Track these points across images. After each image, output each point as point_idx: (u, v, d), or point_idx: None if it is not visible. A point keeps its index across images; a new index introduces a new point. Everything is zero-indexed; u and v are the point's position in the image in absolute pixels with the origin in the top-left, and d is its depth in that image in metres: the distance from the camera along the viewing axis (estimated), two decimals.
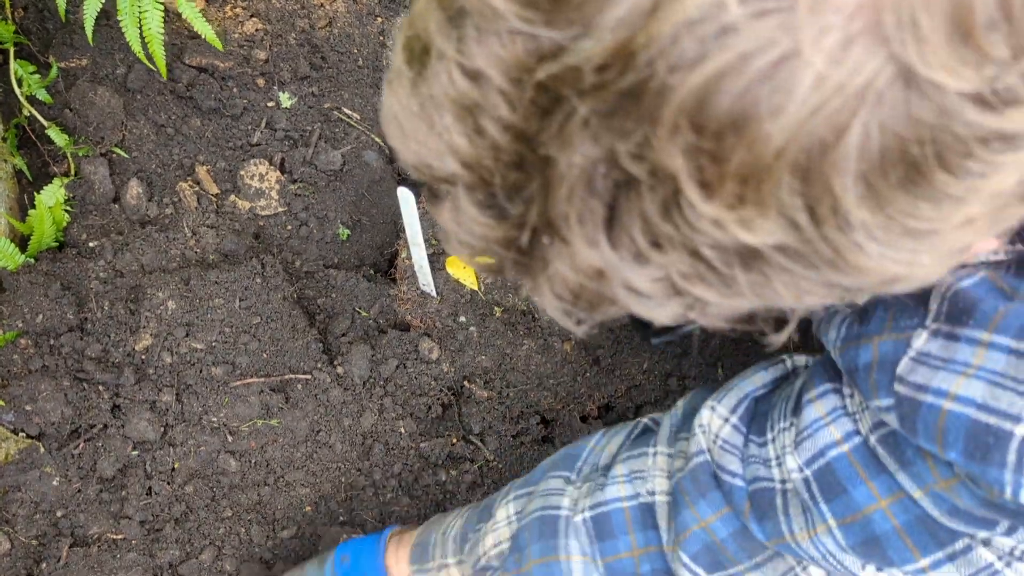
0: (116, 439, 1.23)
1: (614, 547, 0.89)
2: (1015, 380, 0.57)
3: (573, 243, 0.44)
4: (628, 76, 0.38)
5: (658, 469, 0.90)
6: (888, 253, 0.42)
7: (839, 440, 0.73)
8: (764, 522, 0.79)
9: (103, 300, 1.27)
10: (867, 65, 0.36)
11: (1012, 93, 0.37)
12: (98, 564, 1.20)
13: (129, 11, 1.19)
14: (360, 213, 1.44)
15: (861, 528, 0.71)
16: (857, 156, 0.38)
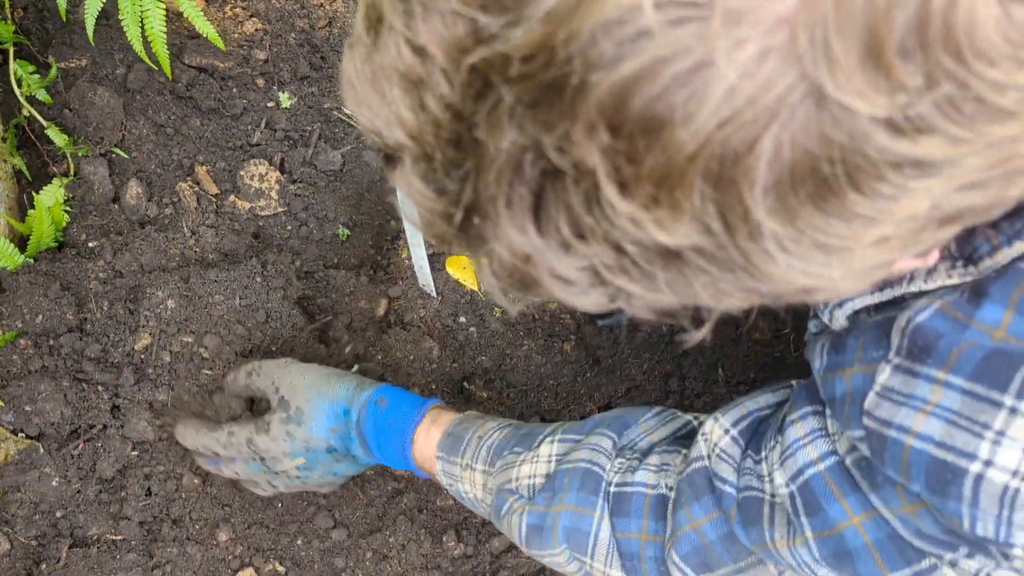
0: (115, 439, 1.23)
1: (627, 525, 0.93)
2: (969, 420, 0.60)
3: (502, 226, 0.45)
4: (551, 70, 0.39)
5: (677, 471, 0.94)
6: (798, 265, 0.43)
7: (816, 459, 0.76)
8: (749, 528, 0.82)
9: (102, 300, 1.27)
10: (780, 81, 0.37)
11: (924, 121, 0.37)
12: (98, 565, 1.20)
13: (131, 11, 1.19)
14: (360, 213, 1.44)
15: (835, 542, 0.74)
16: (767, 169, 0.39)
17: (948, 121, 0.37)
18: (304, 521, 1.26)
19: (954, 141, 0.38)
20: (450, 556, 1.27)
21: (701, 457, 0.89)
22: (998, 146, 0.39)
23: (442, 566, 1.26)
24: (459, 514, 1.30)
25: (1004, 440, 0.58)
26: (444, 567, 1.26)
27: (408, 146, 0.46)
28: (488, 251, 0.48)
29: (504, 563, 1.27)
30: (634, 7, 0.36)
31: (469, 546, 1.27)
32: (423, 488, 1.31)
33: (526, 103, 0.40)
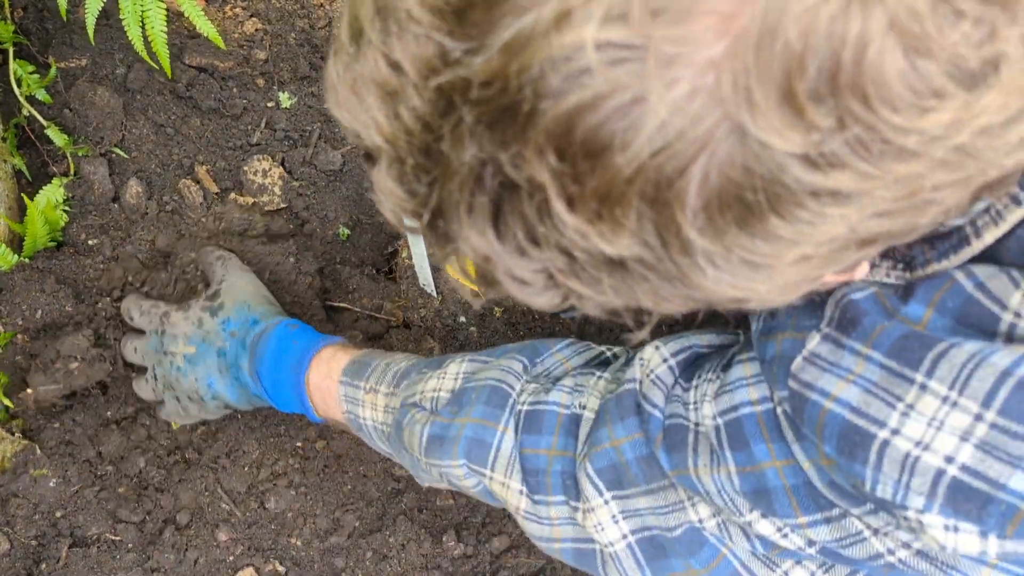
0: (115, 437, 1.23)
1: (536, 442, 0.94)
2: (886, 391, 0.64)
3: (464, 230, 0.49)
4: (505, 96, 0.43)
5: (596, 390, 0.96)
6: (726, 278, 0.47)
7: (754, 401, 0.79)
8: (672, 453, 0.84)
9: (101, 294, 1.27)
10: (706, 118, 0.41)
11: (836, 157, 0.41)
12: (97, 564, 1.20)
13: (131, 11, 1.19)
14: (360, 213, 1.44)
15: (756, 479, 0.78)
16: (696, 194, 0.43)
17: (858, 158, 0.42)
18: (304, 521, 1.26)
19: (864, 176, 0.42)
20: (450, 556, 1.26)
21: (634, 380, 0.91)
22: (904, 181, 0.43)
23: (442, 566, 1.26)
24: (459, 514, 1.30)
25: (912, 413, 0.63)
26: (444, 567, 1.26)
27: (384, 149, 0.50)
28: (454, 249, 0.52)
29: (504, 563, 1.27)
30: (577, 47, 0.40)
31: (469, 546, 1.27)
32: (423, 488, 1.31)
33: (484, 123, 0.44)
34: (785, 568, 0.84)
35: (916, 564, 0.72)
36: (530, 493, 0.94)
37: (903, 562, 0.72)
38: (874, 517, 0.71)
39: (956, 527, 0.62)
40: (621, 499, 0.89)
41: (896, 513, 0.66)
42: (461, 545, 1.27)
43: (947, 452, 0.61)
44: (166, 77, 1.36)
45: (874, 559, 0.74)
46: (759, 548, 0.83)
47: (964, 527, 0.62)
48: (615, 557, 0.90)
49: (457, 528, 1.28)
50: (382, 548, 1.26)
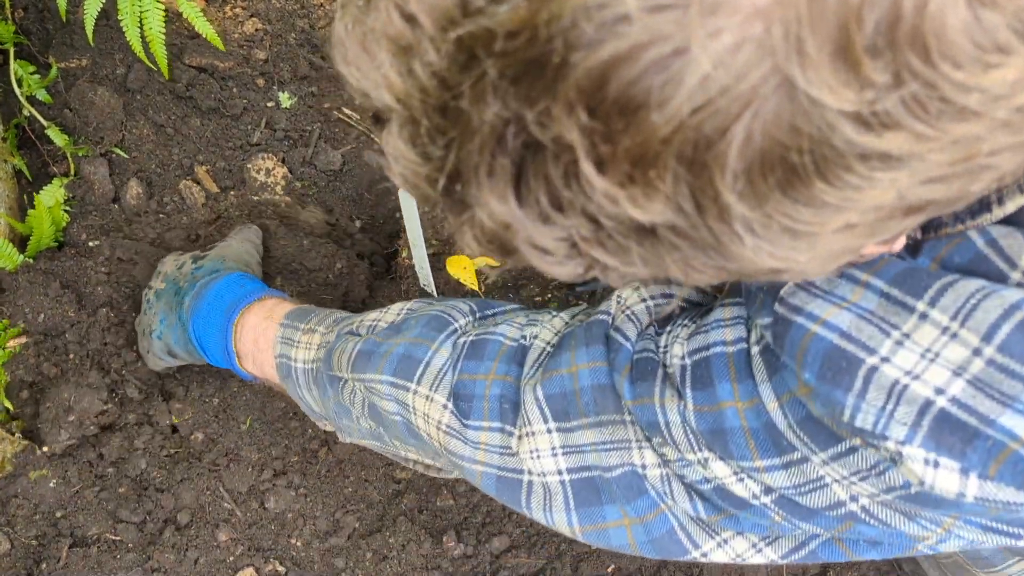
0: (116, 438, 1.23)
1: (475, 368, 0.91)
2: (881, 319, 0.62)
3: (483, 195, 0.46)
4: (533, 47, 0.39)
5: (551, 325, 0.93)
6: (765, 247, 0.44)
7: (728, 341, 0.76)
8: (637, 383, 0.81)
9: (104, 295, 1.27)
10: (753, 72, 0.38)
11: (891, 117, 0.38)
12: (97, 564, 1.20)
13: (130, 11, 1.19)
14: (360, 212, 1.44)
15: (714, 419, 0.74)
16: (738, 155, 0.40)
17: (913, 118, 0.39)
18: (304, 522, 1.26)
19: (919, 137, 0.39)
20: (450, 556, 1.26)
21: (607, 312, 0.88)
22: (962, 143, 0.40)
23: (442, 566, 1.26)
24: (459, 514, 1.30)
25: (907, 342, 0.60)
26: (444, 567, 1.26)
27: (395, 109, 0.47)
28: (470, 216, 0.49)
29: (504, 563, 1.27)
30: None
31: (469, 546, 1.27)
32: (423, 489, 1.31)
33: (509, 78, 0.41)
34: (725, 536, 0.81)
35: (879, 512, 0.69)
36: (462, 417, 0.89)
37: (866, 510, 0.70)
38: (837, 464, 0.68)
39: (936, 462, 0.60)
40: (564, 432, 0.85)
41: (875, 443, 0.63)
42: (461, 545, 1.27)
43: (938, 384, 0.59)
44: (166, 77, 1.36)
45: (834, 507, 0.71)
46: (701, 512, 0.80)
47: (945, 463, 0.60)
48: (546, 488, 0.86)
49: (457, 528, 1.28)
50: (382, 549, 1.26)
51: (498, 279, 1.36)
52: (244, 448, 1.27)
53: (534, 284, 1.35)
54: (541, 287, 1.36)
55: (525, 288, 1.35)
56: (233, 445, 1.27)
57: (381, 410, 0.96)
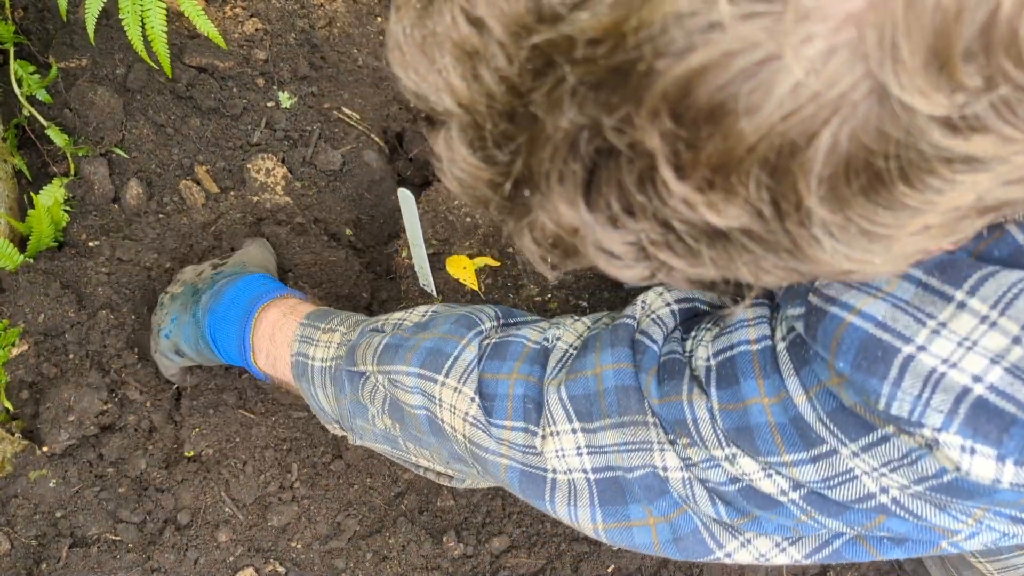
0: (116, 438, 1.23)
1: (497, 367, 0.91)
2: (917, 308, 0.62)
3: (552, 200, 0.46)
4: (618, 55, 0.39)
5: (573, 328, 0.94)
6: (843, 250, 0.44)
7: (752, 340, 0.77)
8: (665, 383, 0.81)
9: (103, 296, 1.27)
10: (844, 78, 0.38)
11: (980, 121, 0.39)
12: (97, 564, 1.20)
13: (131, 10, 1.19)
14: (360, 213, 1.44)
15: (739, 416, 0.75)
16: (824, 161, 0.40)
17: (1002, 121, 0.39)
18: (304, 522, 1.26)
19: (1005, 140, 0.39)
20: (450, 556, 1.26)
21: (632, 316, 0.88)
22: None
23: (442, 566, 1.26)
24: (459, 515, 1.30)
25: (944, 331, 0.60)
26: (444, 567, 1.26)
27: (457, 114, 0.46)
28: (531, 220, 0.49)
29: (504, 563, 1.27)
30: (709, 0, 0.37)
31: (469, 546, 1.27)
32: (423, 489, 1.31)
33: (589, 84, 0.41)
34: (748, 536, 0.82)
35: (910, 504, 0.69)
36: (486, 414, 0.90)
37: (896, 502, 0.70)
38: (867, 455, 0.68)
39: (973, 449, 0.60)
40: (588, 432, 0.85)
41: (910, 431, 0.63)
42: (461, 545, 1.27)
43: (976, 372, 0.59)
44: (166, 77, 1.36)
45: (864, 500, 0.71)
46: (724, 516, 0.80)
47: (981, 449, 0.59)
48: (571, 484, 0.87)
49: (457, 528, 1.28)
50: (382, 549, 1.26)
51: (495, 281, 1.36)
52: (239, 449, 1.27)
53: (533, 285, 1.36)
54: (540, 288, 1.36)
55: (525, 288, 1.35)
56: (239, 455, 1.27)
57: (403, 404, 0.96)
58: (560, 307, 1.37)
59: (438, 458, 1.02)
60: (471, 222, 1.36)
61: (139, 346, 1.27)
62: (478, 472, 0.97)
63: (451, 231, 1.36)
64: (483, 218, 1.36)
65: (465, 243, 1.36)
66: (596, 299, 1.38)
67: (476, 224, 1.35)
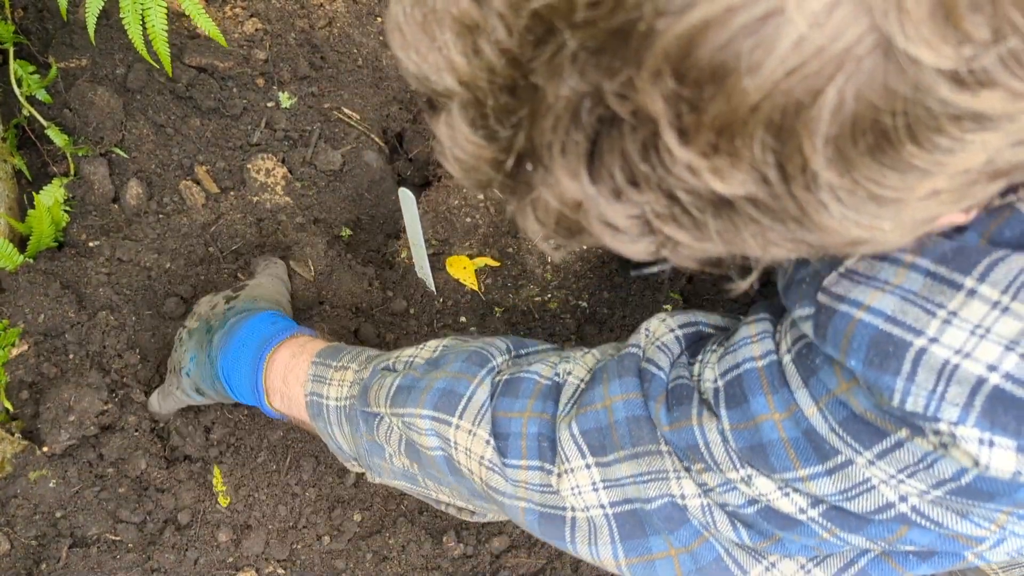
0: (116, 438, 1.23)
1: (510, 405, 0.90)
2: (926, 300, 0.60)
3: (555, 173, 0.45)
4: (618, 15, 0.39)
5: (584, 362, 0.93)
6: (851, 216, 0.43)
7: (757, 356, 0.76)
8: (674, 409, 0.80)
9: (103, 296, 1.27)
10: (848, 31, 0.37)
11: (988, 75, 0.38)
12: (97, 565, 1.20)
13: (132, 9, 1.19)
14: (360, 213, 1.44)
15: (751, 434, 0.73)
16: (829, 120, 0.39)
17: (1010, 75, 0.38)
18: (305, 523, 1.26)
19: (1014, 96, 0.38)
20: (450, 557, 1.26)
21: (637, 345, 0.88)
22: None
23: (442, 567, 1.26)
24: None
25: (955, 320, 0.59)
26: (444, 567, 1.26)
27: (458, 92, 0.46)
28: (534, 198, 0.48)
29: (504, 563, 1.27)
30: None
31: (469, 546, 1.27)
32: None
33: (590, 49, 0.40)
34: (772, 560, 0.80)
35: (930, 512, 0.67)
36: (500, 455, 0.89)
37: (916, 510, 0.68)
38: (883, 462, 0.66)
39: (992, 441, 0.58)
40: (603, 467, 0.84)
41: (926, 427, 0.61)
42: (461, 545, 1.27)
43: (990, 360, 0.57)
44: (166, 77, 1.36)
45: (884, 510, 0.69)
46: (746, 539, 0.79)
47: (1000, 441, 0.58)
48: (591, 522, 0.85)
49: (457, 529, 1.28)
50: (382, 550, 1.26)
51: (495, 281, 1.36)
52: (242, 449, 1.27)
53: (534, 285, 1.36)
54: (541, 287, 1.36)
55: (525, 288, 1.36)
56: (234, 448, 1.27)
57: (419, 447, 0.95)
58: (560, 307, 1.37)
59: (458, 495, 1.01)
60: (471, 222, 1.36)
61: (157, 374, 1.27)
62: (499, 508, 0.96)
63: (451, 231, 1.36)
64: (483, 218, 1.36)
65: (465, 243, 1.36)
66: (596, 299, 1.38)
67: (476, 224, 1.35)
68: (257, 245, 1.35)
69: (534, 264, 1.36)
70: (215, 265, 1.33)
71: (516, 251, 1.36)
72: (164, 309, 1.29)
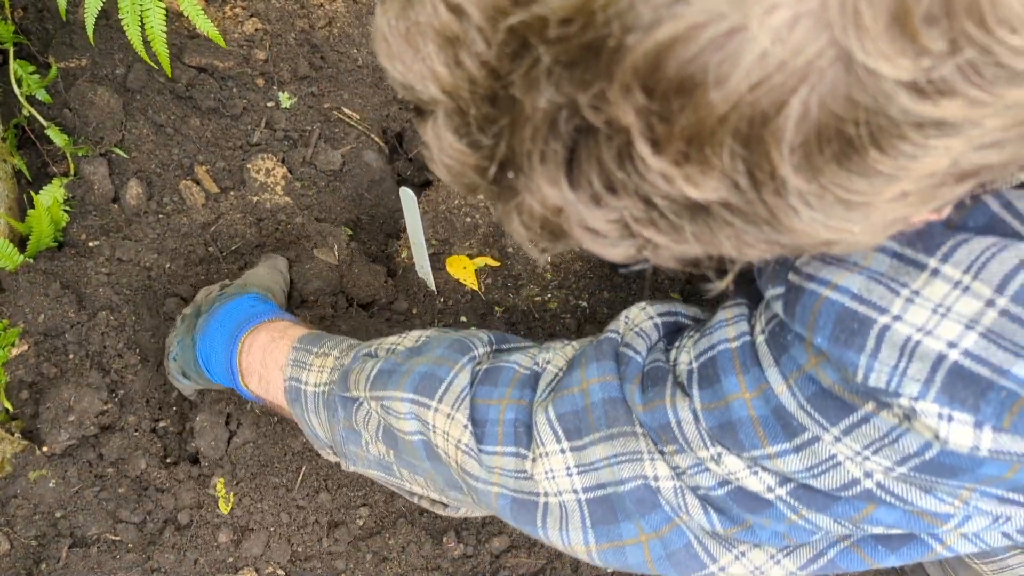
0: (116, 438, 1.23)
1: (489, 393, 0.92)
2: (891, 280, 0.62)
3: (536, 180, 0.46)
4: (588, 32, 0.40)
5: (563, 353, 0.94)
6: (820, 219, 0.45)
7: (731, 338, 0.77)
8: (648, 390, 0.82)
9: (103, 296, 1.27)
10: (810, 47, 0.38)
11: (947, 84, 0.39)
12: (97, 565, 1.20)
13: (130, 10, 1.19)
14: (360, 213, 1.44)
15: (721, 413, 0.75)
16: (795, 129, 0.40)
17: (969, 84, 0.39)
18: (305, 523, 1.26)
19: (974, 103, 0.39)
20: (450, 557, 1.26)
21: (616, 331, 0.89)
22: (1016, 108, 0.40)
23: (442, 567, 1.26)
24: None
25: (917, 299, 0.61)
26: (444, 568, 1.26)
27: (442, 101, 0.47)
28: (518, 203, 0.49)
29: (504, 563, 1.27)
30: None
31: (469, 546, 1.27)
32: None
33: (563, 63, 0.41)
34: (742, 549, 0.81)
35: (895, 488, 0.69)
36: (477, 441, 0.90)
37: (881, 486, 0.69)
38: (849, 439, 0.68)
39: (950, 416, 0.60)
40: (577, 451, 0.85)
41: (888, 402, 0.63)
42: (461, 545, 1.27)
43: (950, 338, 0.59)
44: (166, 77, 1.36)
45: (849, 487, 0.71)
46: (717, 525, 0.80)
47: (959, 417, 0.60)
48: (563, 507, 0.86)
49: (457, 529, 1.28)
50: (382, 550, 1.25)
51: (495, 281, 1.36)
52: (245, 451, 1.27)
53: (534, 284, 1.36)
54: (541, 287, 1.36)
55: (525, 288, 1.36)
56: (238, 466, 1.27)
57: (397, 432, 0.95)
58: (560, 307, 1.37)
59: (432, 485, 1.01)
60: (471, 222, 1.36)
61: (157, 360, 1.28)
62: (473, 500, 0.96)
63: (451, 231, 1.36)
64: (483, 218, 1.36)
65: (465, 243, 1.36)
66: (596, 299, 1.38)
67: (476, 224, 1.35)
68: (258, 245, 1.35)
69: (534, 264, 1.36)
70: (215, 265, 1.33)
71: (516, 251, 1.36)
72: (164, 309, 1.29)
